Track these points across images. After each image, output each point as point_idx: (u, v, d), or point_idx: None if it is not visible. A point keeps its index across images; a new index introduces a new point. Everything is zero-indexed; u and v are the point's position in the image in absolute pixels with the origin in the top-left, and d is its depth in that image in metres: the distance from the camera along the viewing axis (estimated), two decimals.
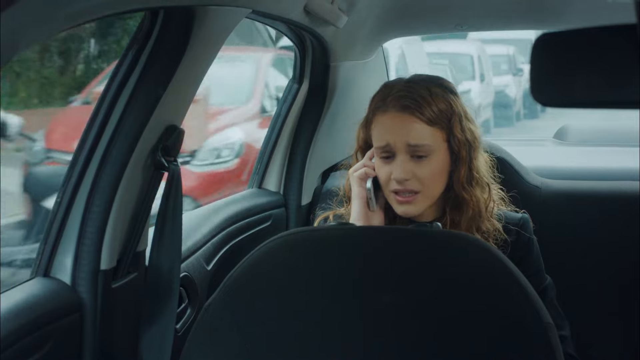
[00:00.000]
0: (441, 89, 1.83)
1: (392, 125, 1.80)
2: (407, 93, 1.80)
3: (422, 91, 1.80)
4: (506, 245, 1.86)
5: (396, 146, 1.80)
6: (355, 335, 1.39)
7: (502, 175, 1.98)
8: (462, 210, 1.84)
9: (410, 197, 1.80)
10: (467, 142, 1.82)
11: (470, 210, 1.83)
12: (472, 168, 1.83)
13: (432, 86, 1.82)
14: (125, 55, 1.66)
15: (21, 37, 1.12)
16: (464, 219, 1.83)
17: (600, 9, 2.35)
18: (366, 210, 1.87)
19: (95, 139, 1.64)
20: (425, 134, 1.78)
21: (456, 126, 1.80)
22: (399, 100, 1.80)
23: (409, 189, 1.79)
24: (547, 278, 1.91)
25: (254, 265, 1.43)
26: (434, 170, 1.80)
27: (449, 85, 1.86)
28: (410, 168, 1.79)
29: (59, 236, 1.64)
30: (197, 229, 2.11)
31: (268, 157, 2.56)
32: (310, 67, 2.50)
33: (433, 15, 2.65)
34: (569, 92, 1.07)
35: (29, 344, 1.49)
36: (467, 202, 1.82)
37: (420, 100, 1.78)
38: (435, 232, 1.53)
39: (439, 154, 1.80)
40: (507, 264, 1.36)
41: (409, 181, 1.79)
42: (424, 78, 1.86)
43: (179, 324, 1.92)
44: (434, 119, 1.78)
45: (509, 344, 1.34)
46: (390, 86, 1.86)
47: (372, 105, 1.87)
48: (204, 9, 1.63)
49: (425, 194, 1.81)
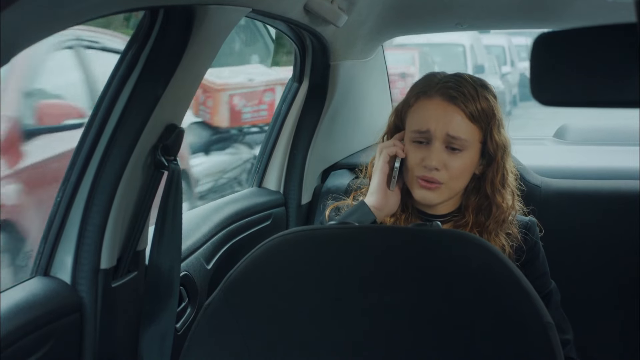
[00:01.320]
0: (486, 90, 1.85)
1: (436, 112, 1.81)
2: (455, 85, 1.82)
3: (469, 86, 1.82)
4: (521, 252, 1.87)
5: (435, 134, 1.80)
6: (355, 334, 1.39)
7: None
8: (490, 212, 1.85)
9: (434, 185, 1.81)
10: (503, 146, 1.84)
11: (499, 214, 1.84)
12: (505, 172, 1.85)
13: (477, 85, 1.84)
14: (125, 54, 1.66)
15: (21, 37, 1.12)
16: (490, 221, 1.84)
17: (600, 8, 2.35)
18: (385, 186, 1.88)
19: (95, 138, 1.64)
20: (465, 128, 1.80)
21: (495, 129, 1.83)
22: (447, 89, 1.81)
23: (436, 178, 1.80)
24: (552, 282, 1.91)
25: (254, 264, 1.43)
26: (463, 166, 1.81)
27: (492, 89, 1.88)
28: (443, 158, 1.80)
29: (59, 235, 1.64)
30: (197, 228, 2.11)
31: (268, 156, 2.56)
32: (310, 67, 2.50)
33: (433, 14, 2.65)
34: (568, 91, 1.07)
35: (29, 343, 1.49)
36: (498, 205, 1.84)
37: (467, 95, 1.80)
38: (436, 232, 1.53)
39: (471, 152, 1.82)
40: (507, 264, 1.36)
41: (439, 172, 1.80)
42: (469, 76, 1.88)
43: (179, 323, 1.92)
44: (476, 116, 1.80)
45: (509, 343, 1.34)
46: (436, 75, 1.88)
47: (416, 90, 1.87)
48: (204, 8, 1.63)
49: (448, 186, 1.82)
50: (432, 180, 1.80)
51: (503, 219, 1.86)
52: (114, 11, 1.44)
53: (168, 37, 1.64)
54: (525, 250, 1.88)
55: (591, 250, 2.43)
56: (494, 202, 1.84)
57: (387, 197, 1.88)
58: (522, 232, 1.89)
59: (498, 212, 1.84)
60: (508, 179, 1.86)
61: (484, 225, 1.85)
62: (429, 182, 1.81)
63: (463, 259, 1.39)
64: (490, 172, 1.84)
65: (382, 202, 1.87)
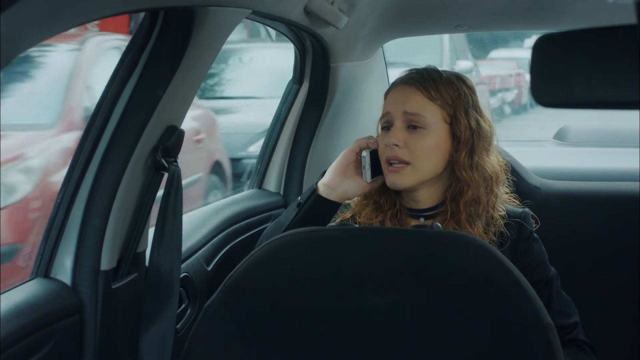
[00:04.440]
0: (455, 78, 1.88)
1: (395, 96, 1.88)
2: (418, 71, 1.88)
3: (434, 73, 1.87)
4: (505, 239, 1.87)
5: (394, 114, 1.86)
6: (355, 335, 1.39)
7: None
8: (462, 193, 1.85)
9: (400, 167, 1.83)
10: (471, 128, 1.84)
11: (470, 193, 1.83)
12: (473, 153, 1.85)
13: (447, 74, 1.89)
14: (126, 55, 1.66)
15: (21, 37, 1.12)
16: (462, 202, 1.84)
17: (601, 9, 2.35)
18: (343, 168, 1.93)
19: (95, 140, 1.64)
20: (422, 106, 1.84)
21: (459, 110, 1.84)
22: (409, 74, 1.89)
23: (398, 156, 1.82)
24: (551, 269, 1.92)
25: (254, 265, 1.43)
26: (427, 144, 1.83)
27: (466, 80, 1.90)
28: (403, 136, 1.83)
29: (59, 237, 1.64)
30: (197, 230, 2.11)
31: (268, 157, 2.56)
32: (310, 68, 2.50)
33: (433, 16, 2.65)
34: (569, 92, 1.07)
35: (29, 344, 1.49)
36: (467, 183, 1.83)
37: (427, 77, 1.85)
38: (435, 233, 1.53)
39: (436, 131, 1.84)
40: (507, 264, 1.36)
41: (400, 149, 1.83)
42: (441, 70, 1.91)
43: (179, 325, 1.92)
44: (435, 96, 1.84)
45: (509, 344, 1.34)
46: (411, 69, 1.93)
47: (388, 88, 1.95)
48: (204, 9, 1.63)
49: (415, 166, 1.83)
50: (396, 159, 1.83)
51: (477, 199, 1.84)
52: (114, 12, 1.44)
53: (168, 38, 1.64)
54: (519, 240, 1.88)
55: (591, 251, 2.43)
56: (463, 181, 1.84)
57: (343, 178, 1.92)
58: (516, 223, 1.89)
59: (468, 191, 1.83)
60: (477, 160, 1.85)
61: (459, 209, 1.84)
62: (394, 164, 1.83)
63: (463, 260, 1.39)
64: (458, 153, 1.84)
65: (334, 182, 1.92)
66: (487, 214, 1.87)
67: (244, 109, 7.00)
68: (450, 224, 1.84)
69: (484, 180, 1.85)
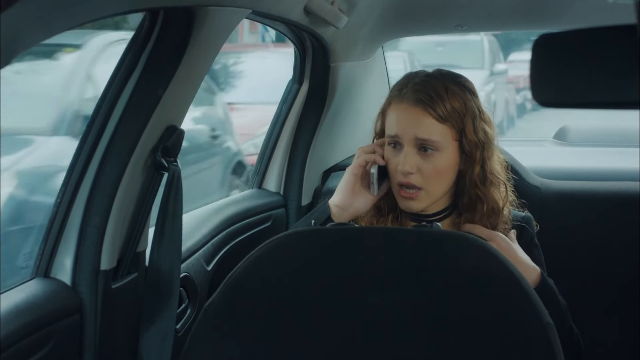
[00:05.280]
0: (459, 87, 1.84)
1: (404, 117, 1.82)
2: (423, 87, 1.82)
3: (438, 87, 1.82)
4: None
5: (404, 138, 1.82)
6: (355, 335, 1.39)
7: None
8: (476, 209, 1.84)
9: (414, 193, 1.81)
10: (480, 142, 1.83)
11: (485, 208, 1.83)
12: (485, 168, 1.84)
13: (450, 83, 1.84)
14: (126, 55, 1.66)
15: (21, 37, 1.12)
16: (478, 217, 1.84)
17: (600, 9, 2.35)
18: (351, 187, 1.89)
19: (95, 139, 1.64)
20: (434, 130, 1.80)
21: (468, 126, 1.82)
22: (415, 93, 1.82)
23: (411, 183, 1.80)
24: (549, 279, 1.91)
25: (254, 265, 1.43)
26: (440, 166, 1.81)
27: (467, 85, 1.87)
28: (415, 162, 1.80)
29: (59, 236, 1.64)
30: (197, 230, 2.11)
31: (268, 157, 2.56)
32: (310, 68, 2.50)
33: (433, 16, 2.65)
34: (569, 92, 1.07)
35: (29, 344, 1.49)
36: (482, 201, 1.83)
37: (435, 96, 1.80)
38: (435, 233, 1.53)
39: (447, 151, 1.81)
40: (507, 264, 1.36)
41: (413, 175, 1.80)
42: (445, 73, 1.88)
43: (179, 324, 1.92)
44: (445, 116, 1.80)
45: (508, 344, 1.34)
46: (410, 77, 1.88)
47: (391, 93, 1.90)
48: (204, 9, 1.63)
49: (428, 190, 1.82)
50: (410, 186, 1.81)
51: (493, 212, 1.84)
52: (115, 12, 1.44)
53: (168, 38, 1.64)
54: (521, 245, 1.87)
55: (591, 251, 2.43)
56: (477, 198, 1.83)
57: (353, 197, 1.89)
58: (518, 226, 1.89)
59: (482, 207, 1.83)
60: (489, 176, 1.84)
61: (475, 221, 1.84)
62: (408, 189, 1.81)
63: (463, 260, 1.39)
64: (470, 169, 1.83)
65: (346, 202, 1.89)
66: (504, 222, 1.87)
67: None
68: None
69: (497, 190, 1.85)
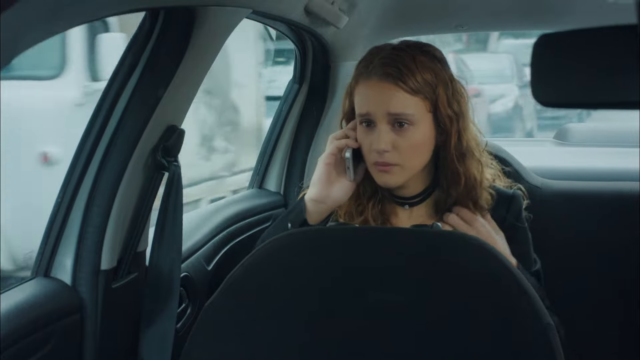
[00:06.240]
0: (428, 58, 1.76)
1: (374, 94, 1.75)
2: (390, 60, 1.74)
3: (406, 59, 1.73)
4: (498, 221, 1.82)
5: (377, 115, 1.74)
6: (354, 335, 1.39)
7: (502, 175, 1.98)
8: (456, 183, 1.78)
9: (389, 167, 1.75)
10: (454, 113, 1.76)
11: (464, 182, 1.78)
12: (461, 139, 1.77)
13: (418, 54, 1.75)
14: (126, 55, 1.66)
15: (21, 37, 1.12)
16: (459, 192, 1.79)
17: (601, 9, 2.34)
18: (328, 176, 1.80)
19: (95, 139, 1.64)
20: (407, 103, 1.72)
21: (441, 97, 1.74)
22: (382, 67, 1.74)
23: (388, 161, 1.74)
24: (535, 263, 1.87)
25: (254, 265, 1.43)
26: (416, 141, 1.74)
27: (436, 53, 1.79)
28: (390, 138, 1.73)
29: (60, 236, 1.64)
30: (197, 229, 2.11)
31: (268, 157, 2.56)
32: (311, 68, 2.50)
33: (433, 16, 2.65)
34: (569, 92, 1.07)
35: (29, 344, 1.49)
36: (460, 174, 1.77)
37: (404, 69, 1.72)
38: (435, 232, 1.53)
39: (422, 124, 1.74)
40: (507, 264, 1.36)
41: (389, 153, 1.73)
42: (411, 44, 1.79)
43: (179, 324, 1.92)
44: (417, 89, 1.72)
45: (508, 344, 1.34)
46: (375, 52, 1.79)
47: (357, 71, 1.81)
48: (204, 9, 1.63)
49: (404, 166, 1.75)
50: (386, 164, 1.74)
51: (472, 186, 1.78)
52: (115, 12, 1.44)
53: (169, 38, 1.64)
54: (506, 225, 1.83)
55: (591, 251, 2.43)
56: (456, 172, 1.77)
57: (330, 187, 1.80)
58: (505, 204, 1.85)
59: (461, 181, 1.77)
60: (465, 145, 1.77)
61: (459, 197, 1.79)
62: (383, 166, 1.74)
63: (462, 260, 1.39)
64: (447, 142, 1.76)
65: (322, 194, 1.80)
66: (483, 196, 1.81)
67: None
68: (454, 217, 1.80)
69: (475, 162, 1.79)
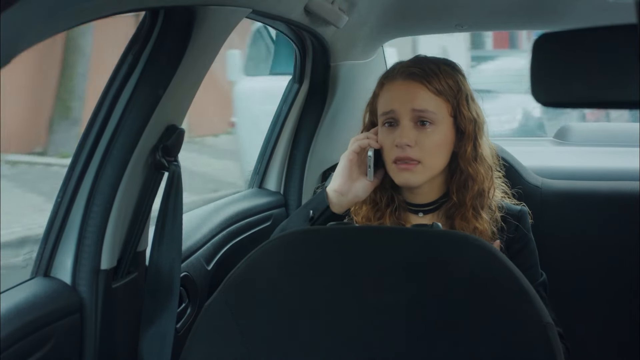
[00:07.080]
0: (450, 68, 1.87)
1: (399, 92, 1.84)
2: (415, 64, 1.85)
3: (431, 65, 1.84)
4: (502, 234, 1.87)
5: (401, 112, 1.82)
6: (354, 335, 1.39)
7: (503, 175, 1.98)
8: (467, 186, 1.84)
9: (411, 164, 1.80)
10: (473, 119, 1.84)
11: (476, 187, 1.84)
12: (477, 146, 1.85)
13: (441, 64, 1.86)
14: (126, 55, 1.66)
15: (21, 37, 1.12)
16: (469, 197, 1.84)
17: (601, 9, 2.35)
18: (348, 172, 1.90)
19: (95, 139, 1.64)
20: (430, 102, 1.81)
21: (463, 102, 1.83)
22: (408, 69, 1.84)
23: (410, 156, 1.80)
24: (541, 274, 1.91)
25: (254, 264, 1.43)
26: (437, 140, 1.81)
27: (457, 66, 1.89)
28: (413, 135, 1.81)
29: (59, 236, 1.64)
30: (197, 229, 2.11)
31: (268, 157, 2.56)
32: (311, 67, 2.50)
33: (433, 15, 2.65)
34: (569, 92, 1.07)
35: (29, 344, 1.49)
36: (473, 178, 1.83)
37: (429, 71, 1.82)
38: (435, 232, 1.53)
39: (443, 125, 1.82)
40: (507, 264, 1.36)
41: (412, 148, 1.80)
42: (432, 58, 1.90)
43: (179, 324, 1.92)
44: (440, 90, 1.81)
45: (508, 343, 1.34)
46: (397, 63, 1.91)
47: (380, 80, 1.92)
48: (204, 8, 1.63)
49: (425, 164, 1.81)
50: (407, 159, 1.80)
51: (482, 191, 1.84)
52: (115, 12, 1.44)
53: (168, 38, 1.64)
54: (515, 239, 1.88)
55: (591, 250, 2.43)
56: (469, 176, 1.84)
57: (351, 182, 1.90)
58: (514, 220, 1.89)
59: (474, 185, 1.84)
60: (480, 152, 1.85)
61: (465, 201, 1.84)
62: (405, 162, 1.81)
63: (463, 260, 1.39)
64: (463, 146, 1.84)
65: (344, 187, 1.90)
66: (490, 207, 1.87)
67: None
68: (457, 220, 1.84)
69: (485, 170, 1.86)
